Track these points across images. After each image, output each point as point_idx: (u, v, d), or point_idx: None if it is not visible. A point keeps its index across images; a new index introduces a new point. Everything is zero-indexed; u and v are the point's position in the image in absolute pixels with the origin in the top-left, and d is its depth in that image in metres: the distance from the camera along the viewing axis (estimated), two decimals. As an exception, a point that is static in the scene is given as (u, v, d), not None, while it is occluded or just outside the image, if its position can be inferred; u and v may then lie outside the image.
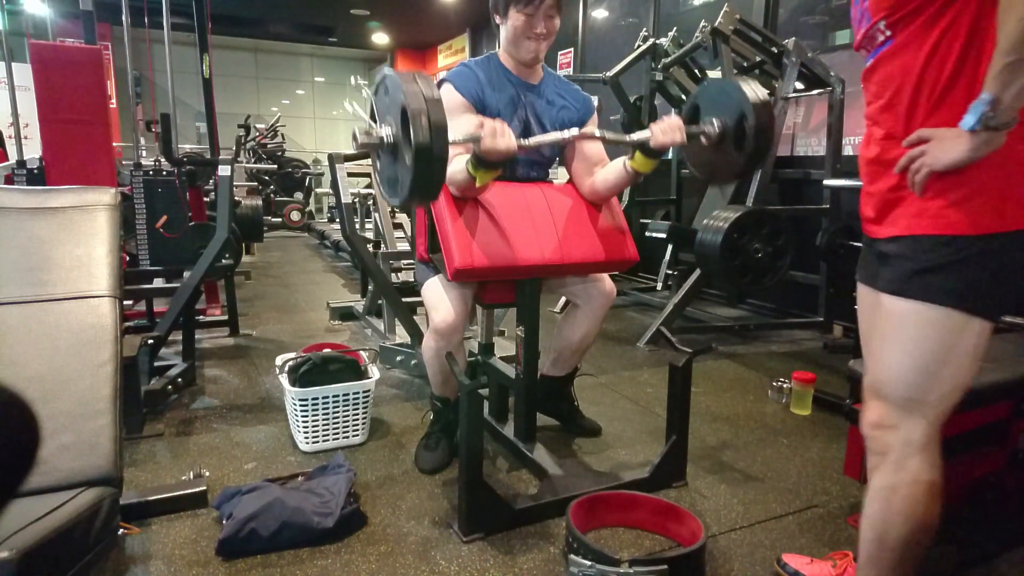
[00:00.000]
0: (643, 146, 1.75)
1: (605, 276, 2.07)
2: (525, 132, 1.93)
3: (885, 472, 1.15)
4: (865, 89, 1.19)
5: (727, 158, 1.73)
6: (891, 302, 1.11)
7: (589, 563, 1.43)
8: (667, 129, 1.69)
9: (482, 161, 1.59)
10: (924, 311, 1.06)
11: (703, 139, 1.73)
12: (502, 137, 1.56)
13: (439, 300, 1.88)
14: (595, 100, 2.12)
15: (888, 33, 1.09)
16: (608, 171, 1.91)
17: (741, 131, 1.66)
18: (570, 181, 2.03)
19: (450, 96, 1.85)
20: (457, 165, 1.70)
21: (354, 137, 1.46)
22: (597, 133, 1.81)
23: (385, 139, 1.45)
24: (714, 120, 1.71)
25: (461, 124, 1.80)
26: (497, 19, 1.90)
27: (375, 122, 1.51)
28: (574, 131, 1.76)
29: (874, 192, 1.16)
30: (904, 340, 1.10)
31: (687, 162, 1.82)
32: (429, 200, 1.59)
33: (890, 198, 1.12)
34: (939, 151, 1.00)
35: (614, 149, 1.90)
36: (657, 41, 4.11)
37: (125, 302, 2.00)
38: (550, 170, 2.13)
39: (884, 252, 1.13)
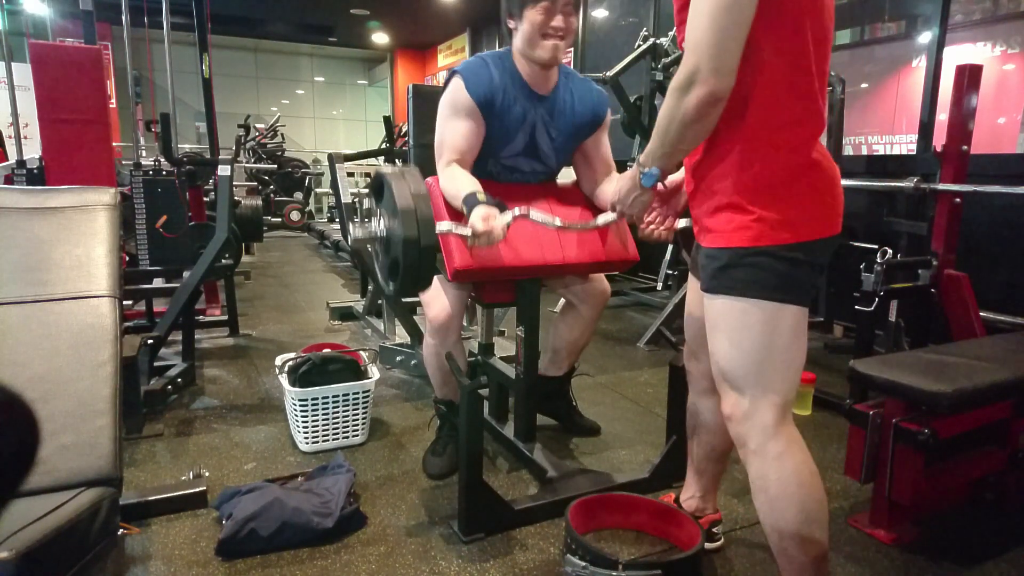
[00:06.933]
0: None
1: (601, 276, 2.07)
2: (530, 147, 1.89)
3: (752, 463, 1.18)
4: None
5: None
6: (708, 300, 1.20)
7: (583, 564, 1.43)
8: (659, 235, 1.59)
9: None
10: (737, 304, 1.15)
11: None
12: (487, 231, 1.48)
13: (434, 297, 1.89)
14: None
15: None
16: (609, 190, 1.85)
17: None
18: (575, 182, 2.03)
19: (458, 93, 1.77)
20: (453, 185, 1.69)
21: (345, 215, 1.54)
22: (602, 221, 1.58)
23: (379, 233, 1.61)
24: None
25: (459, 127, 1.77)
26: (511, 23, 1.79)
27: (371, 216, 1.65)
28: (558, 222, 1.56)
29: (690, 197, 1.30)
30: (728, 331, 1.17)
31: (682, 251, 1.76)
32: (421, 290, 1.80)
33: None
34: (634, 206, 1.34)
35: (616, 152, 1.86)
36: (657, 41, 4.11)
37: (125, 302, 2.00)
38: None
39: (702, 254, 1.23)
